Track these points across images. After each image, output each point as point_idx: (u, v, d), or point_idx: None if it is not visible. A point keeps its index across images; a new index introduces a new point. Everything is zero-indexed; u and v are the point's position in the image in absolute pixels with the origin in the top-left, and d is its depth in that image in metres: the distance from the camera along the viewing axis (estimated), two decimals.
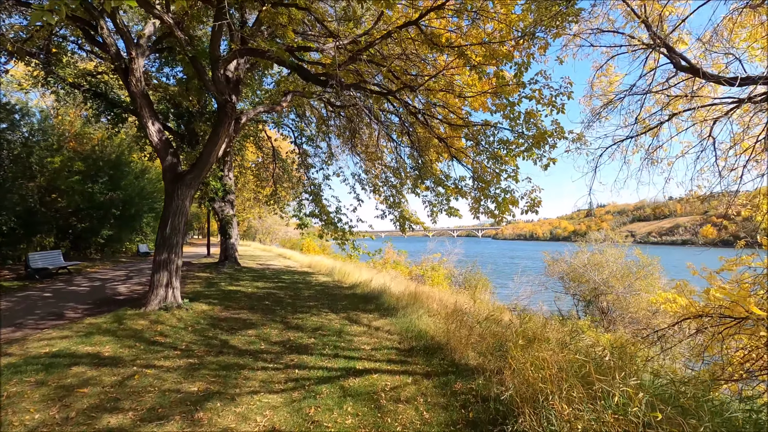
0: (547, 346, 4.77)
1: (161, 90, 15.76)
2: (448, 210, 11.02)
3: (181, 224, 8.28)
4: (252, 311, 8.40)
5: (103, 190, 20.80)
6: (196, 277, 13.52)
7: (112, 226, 22.41)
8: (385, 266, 34.30)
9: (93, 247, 21.86)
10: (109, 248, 23.26)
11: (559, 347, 4.82)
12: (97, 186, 21.18)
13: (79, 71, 14.58)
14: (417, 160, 10.95)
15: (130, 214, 23.52)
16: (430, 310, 9.09)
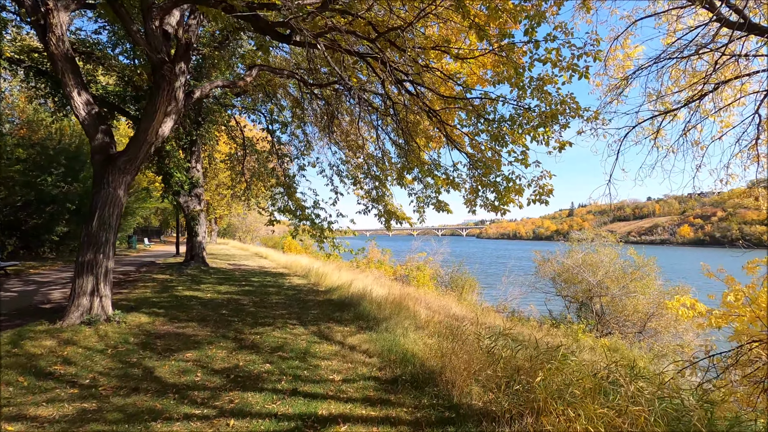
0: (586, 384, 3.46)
1: (116, 69, 14.01)
2: (436, 204, 9.69)
3: (113, 218, 6.72)
4: (203, 323, 6.90)
5: (56, 183, 18.81)
6: (151, 280, 11.88)
7: (69, 222, 20.41)
8: (368, 266, 32.88)
9: (47, 246, 19.81)
10: (66, 246, 21.21)
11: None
12: (51, 178, 19.19)
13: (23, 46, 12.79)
14: (403, 147, 9.57)
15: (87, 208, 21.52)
16: (418, 321, 7.75)
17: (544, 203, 6.12)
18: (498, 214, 7.63)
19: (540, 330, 17.50)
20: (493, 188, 7.23)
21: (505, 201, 7.04)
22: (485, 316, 18.52)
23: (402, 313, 8.00)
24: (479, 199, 7.86)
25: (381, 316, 7.61)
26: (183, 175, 15.85)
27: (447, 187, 9.30)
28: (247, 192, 15.61)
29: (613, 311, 18.02)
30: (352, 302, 9.01)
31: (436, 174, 9.40)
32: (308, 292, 10.96)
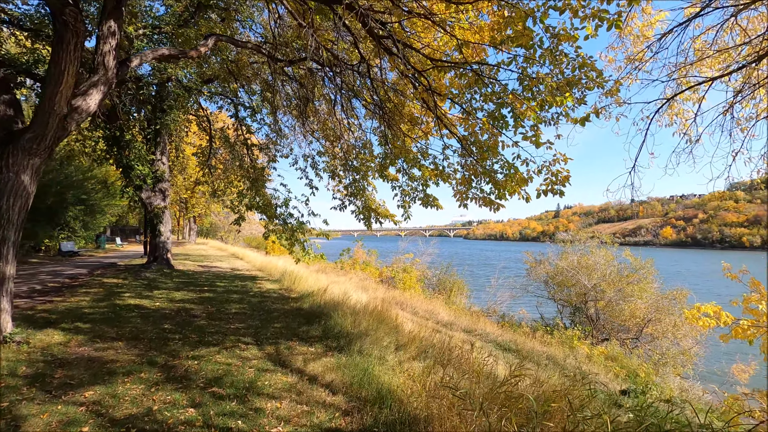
0: None
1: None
2: (424, 199, 8.46)
3: (13, 211, 5.31)
4: (132, 343, 5.53)
5: None
6: (98, 286, 10.39)
7: None
8: (353, 267, 31.59)
9: None
10: (21, 246, 19.38)
11: None
12: None
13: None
14: (384, 133, 8.31)
15: (46, 205, 19.75)
16: (401, 335, 6.50)
17: (557, 194, 4.91)
18: (492, 209, 6.42)
19: (533, 337, 16.44)
20: (489, 178, 6.01)
21: (504, 192, 5.82)
22: (475, 321, 17.37)
23: (382, 327, 6.74)
24: (472, 191, 6.64)
25: (356, 331, 6.33)
26: (146, 168, 14.34)
27: (436, 179, 8.08)
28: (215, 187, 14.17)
29: (609, 316, 17.04)
30: (325, 312, 7.71)
31: (423, 164, 8.17)
32: (277, 299, 9.61)
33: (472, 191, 6.58)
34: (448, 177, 7.82)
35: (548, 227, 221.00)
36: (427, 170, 8.15)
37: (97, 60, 5.97)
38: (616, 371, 13.51)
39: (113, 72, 6.18)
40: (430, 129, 8.84)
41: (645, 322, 16.53)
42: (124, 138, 13.51)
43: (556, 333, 16.51)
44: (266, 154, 11.12)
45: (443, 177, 7.76)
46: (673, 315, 16.07)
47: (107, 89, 6.20)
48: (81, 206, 23.36)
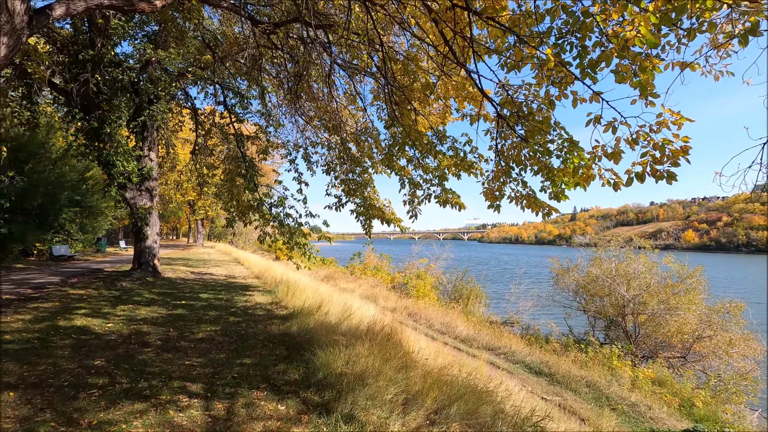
0: None
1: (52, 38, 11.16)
2: (441, 196, 6.67)
3: None
4: (30, 393, 3.89)
5: None
6: (56, 299, 8.86)
7: (10, 222, 17.40)
8: (365, 272, 29.88)
9: None
10: (9, 250, 18.18)
11: None
12: None
13: None
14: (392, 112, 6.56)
15: (35, 206, 18.50)
16: (412, 382, 4.71)
17: (665, 178, 3.07)
18: (540, 214, 4.60)
19: (565, 355, 14.44)
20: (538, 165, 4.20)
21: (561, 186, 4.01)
22: (498, 336, 15.42)
23: (388, 365, 4.97)
24: (509, 187, 4.83)
25: (351, 372, 4.57)
26: (131, 165, 12.90)
27: (456, 170, 6.30)
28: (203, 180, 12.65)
29: (651, 331, 14.94)
30: (314, 339, 5.98)
31: (440, 150, 6.39)
32: (261, 318, 7.92)
33: (509, 187, 4.77)
34: (471, 167, 6.04)
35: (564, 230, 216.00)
36: (445, 158, 6.39)
37: None
38: (667, 399, 11.45)
39: (23, 19, 4.57)
40: (449, 108, 7.08)
41: (694, 339, 14.38)
42: (105, 131, 12.08)
43: (590, 350, 14.46)
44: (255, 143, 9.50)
45: (465, 167, 5.98)
46: (728, 331, 13.91)
47: (15, 42, 4.58)
48: (76, 208, 22.16)
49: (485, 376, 8.53)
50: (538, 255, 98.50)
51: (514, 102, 4.06)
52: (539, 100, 4.19)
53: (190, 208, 41.31)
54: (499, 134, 4.58)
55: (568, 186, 3.92)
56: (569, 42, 3.39)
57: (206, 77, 10.73)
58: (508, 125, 4.09)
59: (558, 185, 4.03)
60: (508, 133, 4.65)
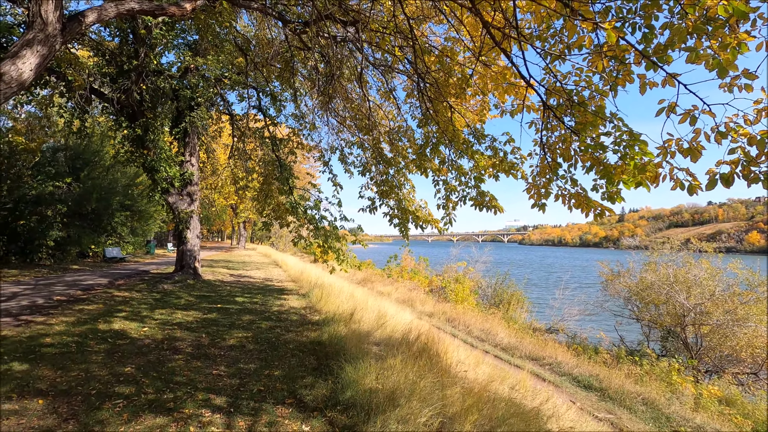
0: None
1: (100, 50, 11.69)
2: (477, 199, 6.19)
3: None
4: (57, 402, 3.85)
5: (47, 181, 16.88)
6: (101, 301, 9.16)
7: (66, 225, 18.52)
8: (401, 275, 29.51)
9: (44, 252, 17.88)
10: (67, 252, 19.36)
11: None
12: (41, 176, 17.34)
13: None
14: (426, 110, 6.19)
15: (88, 211, 19.61)
16: (449, 402, 4.31)
17: (762, 181, 2.47)
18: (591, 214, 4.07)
19: (617, 368, 13.38)
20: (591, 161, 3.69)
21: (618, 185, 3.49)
22: (542, 345, 14.56)
23: (423, 381, 4.59)
24: (556, 184, 4.33)
25: (382, 389, 4.23)
26: (173, 170, 13.28)
27: (495, 171, 5.83)
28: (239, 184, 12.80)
29: (716, 344, 13.55)
30: (345, 350, 5.70)
31: (477, 150, 5.95)
32: (293, 324, 7.76)
33: (556, 184, 4.28)
34: (512, 167, 5.55)
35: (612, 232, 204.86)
36: (482, 158, 5.93)
37: (31, 10, 4.45)
38: (737, 421, 10.25)
39: (56, 28, 4.61)
40: (486, 103, 6.61)
41: None
42: (149, 137, 12.51)
43: (645, 363, 13.32)
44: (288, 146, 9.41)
45: (505, 168, 5.50)
46: None
47: (49, 50, 4.64)
48: (127, 212, 23.35)
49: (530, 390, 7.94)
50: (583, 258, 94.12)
51: (563, 90, 3.58)
52: (591, 87, 3.69)
53: (233, 211, 42.69)
54: (545, 126, 4.09)
55: (627, 185, 3.39)
56: (632, 23, 2.90)
57: (242, 81, 10.81)
58: (556, 116, 3.62)
59: (614, 184, 3.50)
60: (556, 125, 4.16)
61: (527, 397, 7.24)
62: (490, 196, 5.95)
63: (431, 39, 7.58)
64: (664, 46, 2.75)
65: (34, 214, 16.59)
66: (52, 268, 16.17)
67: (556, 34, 3.41)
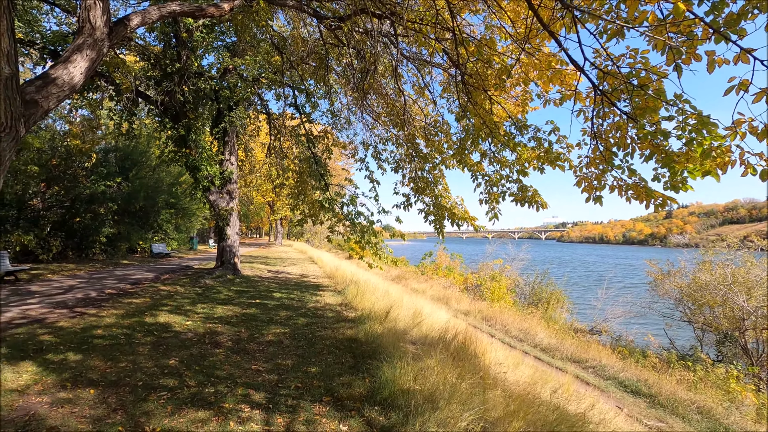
0: None
1: (146, 55, 12.22)
2: (518, 194, 5.92)
3: None
4: (107, 392, 4.00)
5: (98, 181, 17.88)
6: (147, 295, 9.57)
7: (117, 222, 19.59)
8: (436, 272, 29.19)
9: (98, 247, 19.01)
10: (118, 248, 20.46)
11: None
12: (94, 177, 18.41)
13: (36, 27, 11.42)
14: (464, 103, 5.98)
15: (136, 209, 20.64)
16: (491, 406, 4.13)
17: None
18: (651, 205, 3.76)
19: (668, 373, 12.61)
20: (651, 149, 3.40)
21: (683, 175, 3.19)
22: (584, 347, 13.94)
23: (464, 382, 4.43)
24: (612, 175, 4.04)
25: (420, 390, 4.11)
26: (213, 168, 13.70)
27: (540, 164, 5.55)
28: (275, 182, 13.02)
29: None
30: (381, 348, 5.62)
31: (520, 141, 5.68)
32: (330, 320, 7.78)
33: (611, 175, 3.99)
34: (558, 159, 5.26)
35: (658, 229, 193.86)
36: (525, 150, 5.66)
37: (80, 17, 4.62)
38: None
39: (103, 32, 4.77)
40: (528, 93, 6.31)
41: None
42: (191, 137, 12.95)
43: (699, 369, 12.47)
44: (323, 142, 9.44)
45: (551, 159, 5.21)
46: None
47: (97, 54, 4.81)
48: (172, 210, 24.41)
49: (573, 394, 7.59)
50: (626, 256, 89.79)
51: (619, 73, 3.30)
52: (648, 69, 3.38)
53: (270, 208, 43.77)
54: (596, 114, 3.81)
55: (693, 174, 3.08)
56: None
57: (278, 80, 10.95)
58: (610, 101, 3.34)
59: (678, 173, 3.20)
60: (608, 112, 3.87)
61: (571, 402, 6.91)
62: (533, 191, 5.67)
63: (467, 30, 7.33)
64: (737, 16, 2.45)
65: (89, 212, 17.63)
66: (105, 263, 17.14)
67: (611, 10, 3.15)
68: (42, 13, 12.01)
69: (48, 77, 4.53)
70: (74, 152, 17.55)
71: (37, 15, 11.71)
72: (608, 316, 19.48)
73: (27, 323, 6.51)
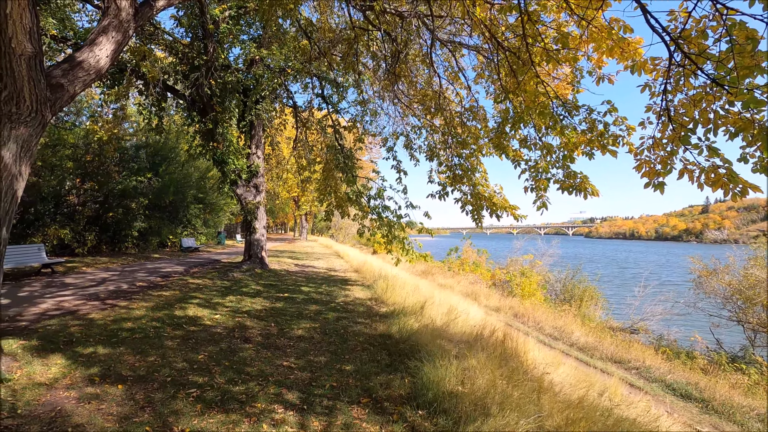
0: None
1: (174, 49, 12.22)
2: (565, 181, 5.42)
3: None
4: (134, 389, 3.81)
5: (129, 176, 18.20)
6: (177, 288, 9.53)
7: (148, 217, 19.95)
8: (462, 268, 28.59)
9: (130, 241, 19.42)
10: (149, 242, 20.85)
11: None
12: (125, 172, 18.77)
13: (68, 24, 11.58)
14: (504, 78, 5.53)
15: (166, 203, 20.96)
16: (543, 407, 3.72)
17: None
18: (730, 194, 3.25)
19: (717, 375, 11.79)
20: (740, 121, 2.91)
21: None
22: (625, 347, 13.21)
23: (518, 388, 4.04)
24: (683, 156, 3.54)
25: (468, 393, 3.75)
26: (241, 162, 13.64)
27: (590, 147, 5.05)
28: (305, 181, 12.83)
29: None
30: (419, 345, 5.28)
31: (569, 124, 5.20)
32: (361, 315, 7.49)
33: (682, 157, 3.49)
34: (614, 141, 4.76)
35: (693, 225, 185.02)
36: (574, 134, 5.17)
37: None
38: None
39: (129, 13, 4.58)
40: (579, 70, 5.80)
41: None
42: (218, 131, 12.90)
43: (753, 372, 11.60)
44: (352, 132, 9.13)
45: (608, 140, 4.72)
46: None
47: (123, 36, 4.62)
48: (200, 205, 24.74)
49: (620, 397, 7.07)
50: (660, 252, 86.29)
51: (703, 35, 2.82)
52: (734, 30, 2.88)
53: (295, 203, 44.02)
54: (668, 87, 3.32)
55: None
56: None
57: (305, 70, 10.69)
58: (697, 66, 2.85)
59: None
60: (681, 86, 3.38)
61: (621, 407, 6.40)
62: (582, 177, 5.18)
63: None
64: None
65: (121, 207, 17.98)
66: (136, 256, 17.46)
67: None
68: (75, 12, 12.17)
69: (74, 60, 4.36)
70: (106, 148, 17.87)
71: (70, 14, 11.86)
72: (646, 315, 18.54)
73: (60, 314, 6.50)
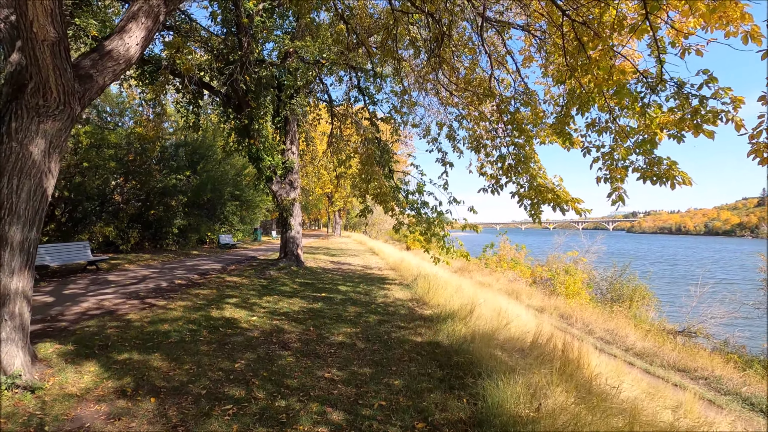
0: None
1: (209, 45, 12.17)
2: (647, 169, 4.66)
3: (19, 197, 3.68)
4: (167, 403, 3.49)
5: (169, 174, 18.52)
6: (214, 286, 9.38)
7: (187, 214, 20.30)
8: (500, 265, 27.55)
9: (170, 238, 19.85)
10: (189, 239, 21.25)
11: None
12: (166, 170, 19.11)
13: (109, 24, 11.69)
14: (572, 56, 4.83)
15: (204, 201, 21.26)
16: None
17: None
18: None
19: None
20: None
21: None
22: (690, 354, 12.07)
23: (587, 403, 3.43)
24: None
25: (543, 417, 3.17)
26: (276, 158, 13.45)
27: (681, 129, 4.30)
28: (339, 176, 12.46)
29: None
30: (474, 356, 4.72)
31: (653, 101, 4.46)
32: (404, 317, 6.99)
33: None
34: (712, 120, 3.99)
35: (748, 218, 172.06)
36: (658, 113, 4.42)
37: None
38: None
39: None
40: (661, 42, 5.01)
41: None
42: (254, 127, 12.74)
43: None
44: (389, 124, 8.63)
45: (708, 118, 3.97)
46: None
47: (153, 23, 4.30)
48: (236, 202, 25.04)
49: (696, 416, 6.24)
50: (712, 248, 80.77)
51: None
52: None
53: (328, 200, 44.11)
54: None
55: None
56: None
57: (340, 62, 10.26)
58: None
59: None
60: None
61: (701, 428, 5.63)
62: (669, 163, 4.42)
63: None
64: None
65: (162, 205, 18.34)
66: (177, 253, 17.77)
67: None
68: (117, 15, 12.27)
69: (103, 49, 4.06)
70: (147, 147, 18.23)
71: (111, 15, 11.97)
72: (705, 316, 17.07)
73: (99, 314, 6.39)
